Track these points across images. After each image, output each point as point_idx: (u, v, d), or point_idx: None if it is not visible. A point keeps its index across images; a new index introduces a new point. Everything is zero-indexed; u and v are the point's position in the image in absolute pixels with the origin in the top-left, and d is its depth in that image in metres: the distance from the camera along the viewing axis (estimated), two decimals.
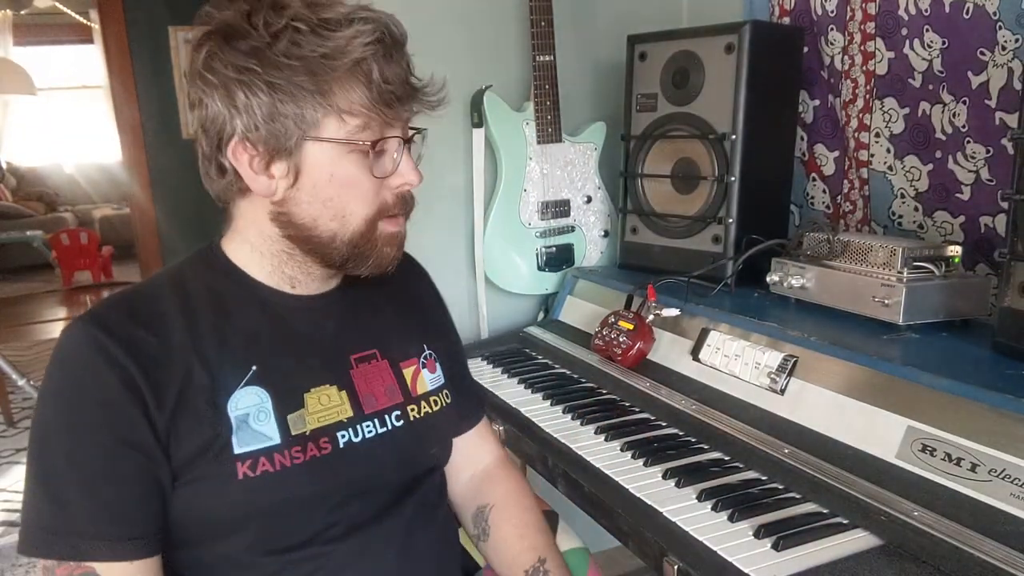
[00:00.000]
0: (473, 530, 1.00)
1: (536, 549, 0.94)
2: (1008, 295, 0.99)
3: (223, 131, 0.74)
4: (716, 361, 1.23)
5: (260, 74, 0.70)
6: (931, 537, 0.80)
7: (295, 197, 0.76)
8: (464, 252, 1.80)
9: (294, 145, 0.73)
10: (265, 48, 0.70)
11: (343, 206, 0.77)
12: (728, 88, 1.43)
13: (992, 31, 1.21)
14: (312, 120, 0.72)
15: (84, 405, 0.70)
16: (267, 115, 0.72)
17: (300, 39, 0.70)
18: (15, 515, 2.51)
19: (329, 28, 0.71)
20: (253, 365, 0.77)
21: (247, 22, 0.71)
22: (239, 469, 0.73)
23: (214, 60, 0.72)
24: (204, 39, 0.73)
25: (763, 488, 0.99)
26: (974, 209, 1.29)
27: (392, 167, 0.78)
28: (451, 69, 0.83)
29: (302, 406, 0.79)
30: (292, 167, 0.75)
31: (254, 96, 0.71)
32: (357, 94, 0.73)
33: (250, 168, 0.75)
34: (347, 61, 0.71)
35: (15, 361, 2.97)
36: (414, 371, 0.91)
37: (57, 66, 7.44)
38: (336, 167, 0.75)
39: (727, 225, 1.47)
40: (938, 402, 0.92)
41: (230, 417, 0.74)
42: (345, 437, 0.81)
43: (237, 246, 0.82)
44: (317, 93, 0.71)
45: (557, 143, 1.72)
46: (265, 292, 0.82)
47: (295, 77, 0.70)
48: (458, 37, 1.72)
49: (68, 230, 6.14)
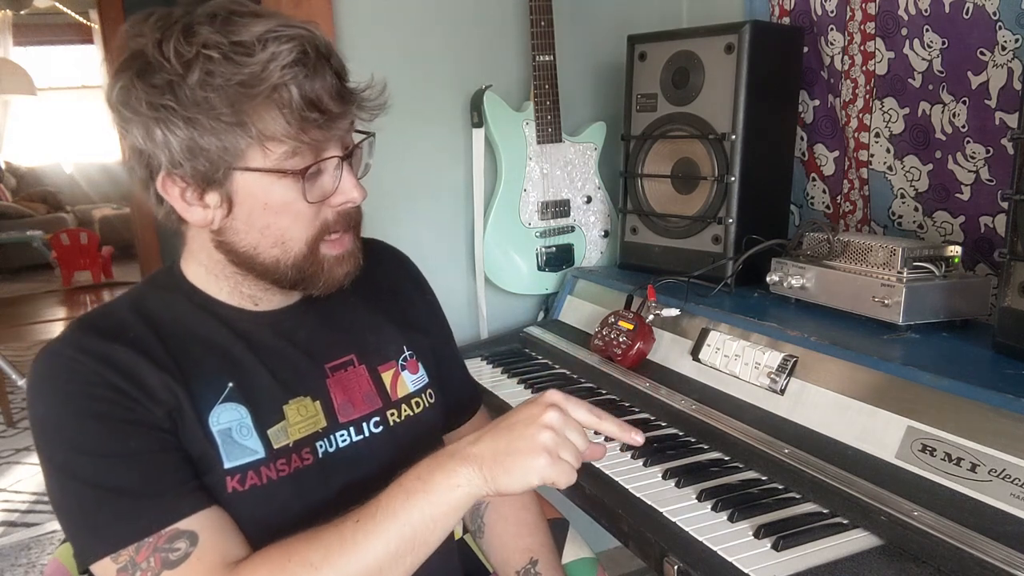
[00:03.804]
0: (470, 525, 1.00)
1: (529, 550, 0.94)
2: (1008, 295, 0.99)
3: (150, 163, 0.71)
4: (716, 361, 1.23)
5: (175, 111, 0.67)
6: (931, 537, 0.80)
7: (232, 226, 0.74)
8: (464, 252, 1.80)
9: (222, 176, 0.70)
10: (179, 81, 0.66)
11: (281, 232, 0.74)
12: (728, 88, 1.43)
13: (992, 31, 1.21)
14: (235, 151, 0.69)
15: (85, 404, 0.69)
16: (187, 149, 0.68)
17: (213, 68, 0.66)
18: (15, 515, 2.51)
19: (243, 52, 0.67)
20: (229, 382, 0.76)
21: (159, 53, 0.67)
22: (228, 483, 0.73)
23: (129, 96, 0.68)
24: (119, 71, 0.70)
25: (763, 488, 0.99)
26: (974, 209, 1.29)
27: (332, 186, 0.75)
28: (451, 69, 0.83)
29: (283, 419, 0.78)
30: (224, 197, 0.72)
31: (171, 133, 0.68)
32: (279, 122, 0.69)
33: (183, 200, 0.73)
34: (265, 88, 0.67)
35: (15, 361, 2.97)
36: (393, 374, 0.89)
37: (57, 66, 7.44)
38: (268, 195, 0.72)
39: (727, 225, 1.47)
40: (938, 402, 0.92)
41: (213, 432, 0.74)
42: (323, 447, 0.80)
43: (194, 269, 0.81)
44: (236, 125, 0.68)
45: (557, 143, 1.72)
46: (228, 311, 0.80)
47: (212, 110, 0.67)
48: (458, 37, 1.72)
49: (68, 230, 6.14)
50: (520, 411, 0.70)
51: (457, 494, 0.66)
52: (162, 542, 0.67)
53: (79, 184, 7.69)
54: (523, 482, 0.66)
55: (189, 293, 0.80)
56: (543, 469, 0.66)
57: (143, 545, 0.67)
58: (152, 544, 0.67)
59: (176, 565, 0.67)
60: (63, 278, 5.99)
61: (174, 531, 0.68)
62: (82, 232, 6.05)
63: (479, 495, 0.67)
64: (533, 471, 0.66)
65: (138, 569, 0.67)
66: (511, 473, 0.66)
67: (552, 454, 0.66)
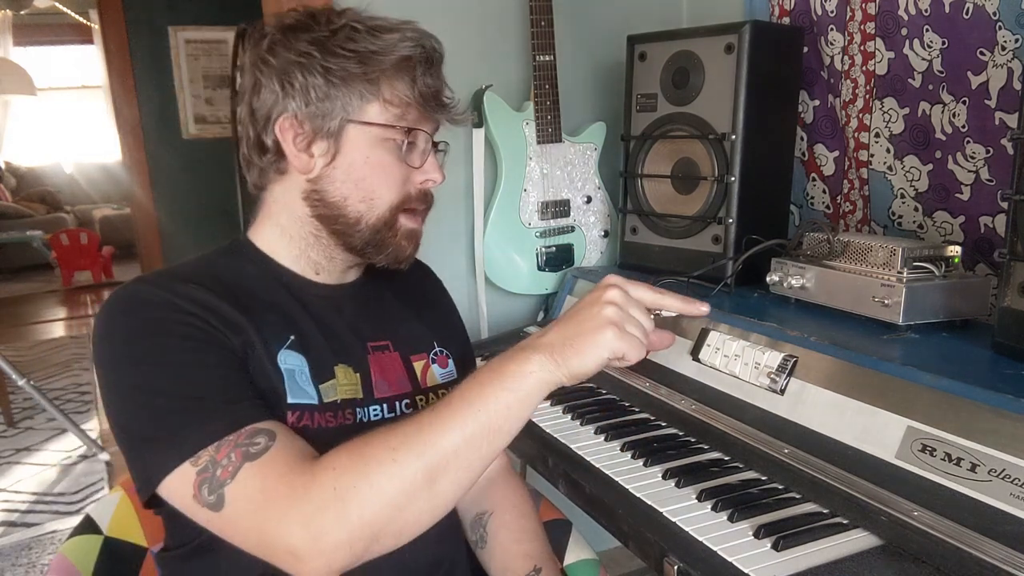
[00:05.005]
0: (471, 536, 1.00)
1: (531, 557, 0.93)
2: (1008, 295, 0.99)
3: (272, 111, 0.81)
4: (716, 361, 1.23)
5: (318, 59, 0.79)
6: (931, 537, 0.80)
7: (330, 175, 0.82)
8: (464, 252, 1.81)
9: (337, 126, 0.80)
10: (325, 39, 0.79)
11: (372, 188, 0.83)
12: (728, 88, 1.43)
13: (992, 31, 1.21)
14: (357, 104, 0.80)
15: (161, 325, 0.73)
16: (319, 95, 0.79)
17: (355, 35, 0.80)
18: (15, 515, 2.51)
19: (380, 31, 0.81)
20: (291, 334, 0.82)
21: (311, 19, 0.81)
22: (289, 418, 0.77)
23: (277, 46, 0.80)
24: (265, 32, 0.82)
25: (763, 488, 0.99)
26: (974, 209, 1.29)
27: (420, 162, 0.85)
28: (451, 69, 0.84)
29: (333, 377, 0.83)
30: (332, 146, 0.81)
31: (310, 76, 0.79)
32: (400, 86, 0.81)
33: (293, 145, 0.81)
34: (394, 57, 0.80)
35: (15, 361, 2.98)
36: (424, 364, 0.94)
37: (57, 66, 7.45)
38: (372, 150, 0.82)
39: (727, 225, 1.47)
40: (938, 402, 0.92)
41: (281, 370, 0.79)
42: (361, 414, 0.84)
43: (267, 231, 0.88)
44: (366, 81, 0.80)
45: (557, 143, 1.72)
46: (289, 277, 0.87)
47: (348, 65, 0.79)
48: (458, 37, 1.72)
49: (68, 230, 6.14)
50: (584, 300, 0.72)
51: (531, 380, 0.68)
52: (242, 438, 0.69)
53: (79, 184, 7.68)
54: (595, 357, 0.68)
55: (254, 257, 0.87)
56: (612, 342, 0.68)
57: (224, 443, 0.68)
58: (232, 441, 0.68)
59: (257, 457, 0.68)
60: (63, 278, 5.99)
61: (253, 429, 0.70)
62: (82, 232, 6.05)
63: (553, 381, 0.68)
64: (603, 345, 0.68)
65: (219, 467, 0.67)
66: (582, 353, 0.68)
67: (619, 326, 0.68)
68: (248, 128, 0.84)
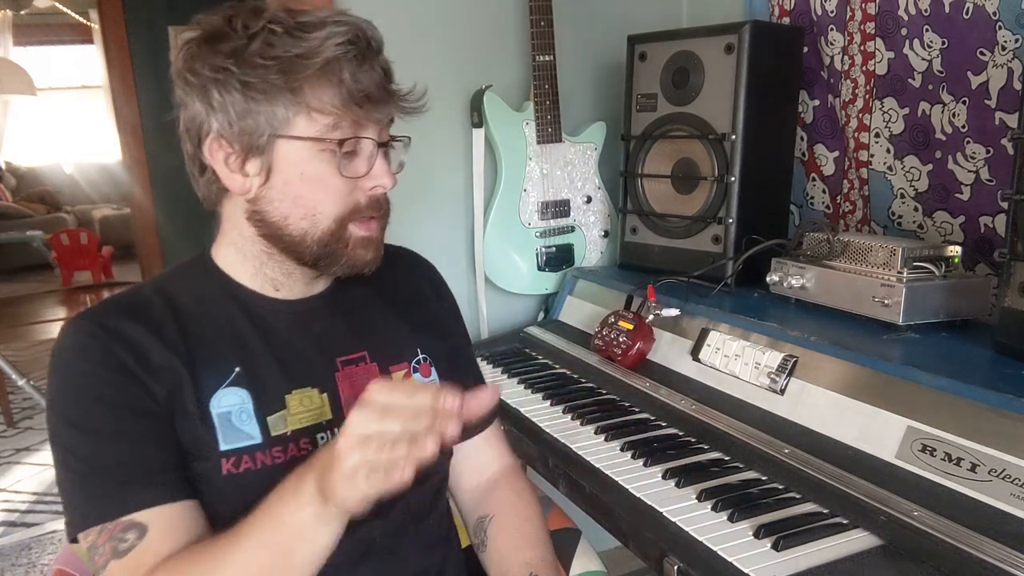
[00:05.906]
0: (474, 539, 0.98)
1: (529, 564, 0.91)
2: (1008, 295, 0.99)
3: (201, 130, 0.77)
4: (716, 361, 1.23)
5: (235, 73, 0.73)
6: (931, 537, 0.80)
7: (267, 195, 0.78)
8: (464, 252, 1.80)
9: (265, 143, 0.75)
10: (242, 49, 0.73)
11: (313, 205, 0.78)
12: (728, 88, 1.43)
13: (992, 31, 1.21)
14: (283, 118, 0.74)
15: (88, 384, 0.73)
16: (240, 112, 0.74)
17: (274, 40, 0.73)
18: (15, 515, 2.51)
19: (303, 30, 0.73)
20: (236, 367, 0.79)
21: (228, 25, 0.74)
22: (224, 466, 0.76)
23: (194, 61, 0.75)
24: (187, 42, 0.76)
25: (763, 488, 0.99)
26: (974, 209, 1.29)
27: (365, 168, 0.79)
28: (451, 69, 0.83)
29: (283, 407, 0.80)
30: (264, 164, 0.76)
31: (228, 94, 0.73)
32: (328, 93, 0.74)
33: (225, 166, 0.77)
34: (318, 61, 0.73)
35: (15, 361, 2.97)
36: (404, 375, 0.90)
37: (57, 66, 7.44)
38: (306, 165, 0.76)
39: (727, 225, 1.47)
40: (938, 402, 0.92)
41: (212, 415, 0.76)
42: (324, 439, 0.81)
43: (224, 250, 0.84)
44: (288, 91, 0.73)
45: (557, 143, 1.72)
46: (248, 296, 0.84)
47: (268, 76, 0.73)
48: (458, 37, 1.72)
49: (68, 230, 6.14)
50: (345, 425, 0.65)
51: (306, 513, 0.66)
52: (117, 531, 0.71)
53: (79, 184, 7.69)
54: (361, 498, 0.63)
55: (214, 276, 0.84)
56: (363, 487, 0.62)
57: (105, 530, 0.70)
58: (110, 531, 0.70)
59: (123, 555, 0.70)
60: (63, 278, 5.99)
61: (129, 521, 0.71)
62: (82, 232, 6.05)
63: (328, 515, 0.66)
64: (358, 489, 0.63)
65: (97, 552, 0.71)
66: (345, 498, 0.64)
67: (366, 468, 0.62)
68: (186, 144, 0.80)
